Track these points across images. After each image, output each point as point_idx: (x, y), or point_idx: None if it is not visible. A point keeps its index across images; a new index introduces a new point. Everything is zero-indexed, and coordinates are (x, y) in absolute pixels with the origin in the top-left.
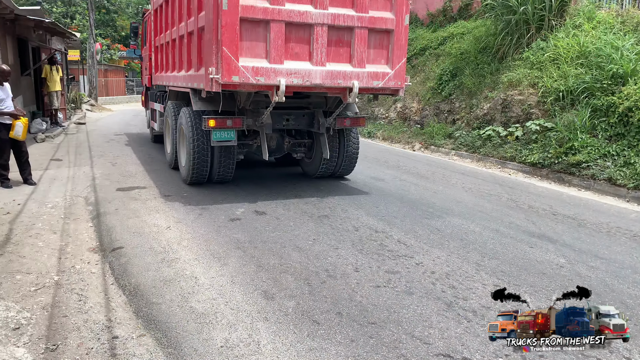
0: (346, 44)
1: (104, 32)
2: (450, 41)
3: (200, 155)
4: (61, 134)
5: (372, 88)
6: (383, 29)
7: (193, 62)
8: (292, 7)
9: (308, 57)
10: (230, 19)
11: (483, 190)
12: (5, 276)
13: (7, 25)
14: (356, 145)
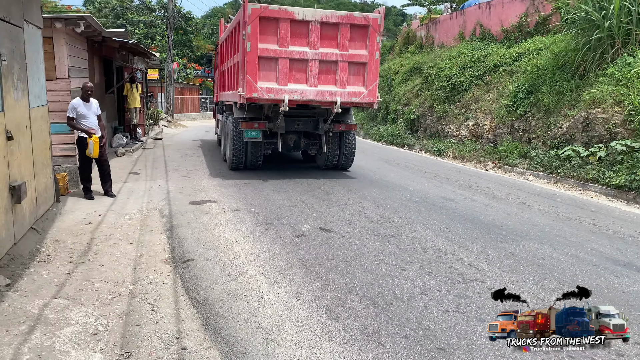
0: (332, 72)
1: (181, 52)
2: (526, 57)
3: (237, 148)
4: (139, 148)
5: (352, 102)
6: (359, 61)
7: (234, 85)
8: (294, 48)
9: (305, 81)
10: (252, 57)
11: (561, 213)
12: (85, 283)
13: (94, 47)
14: (353, 144)
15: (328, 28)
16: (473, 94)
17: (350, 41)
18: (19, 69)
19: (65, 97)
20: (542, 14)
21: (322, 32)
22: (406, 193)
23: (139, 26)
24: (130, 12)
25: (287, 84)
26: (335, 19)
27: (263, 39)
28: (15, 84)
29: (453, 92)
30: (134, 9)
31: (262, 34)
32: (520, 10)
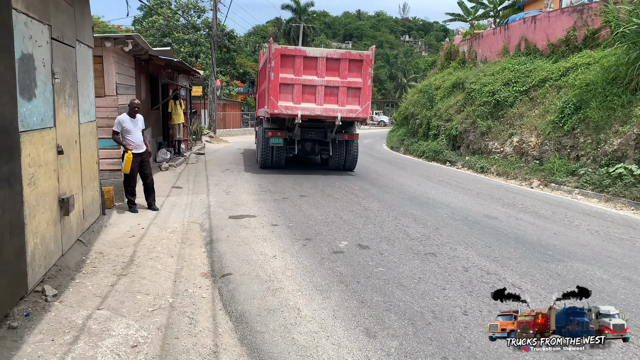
0: (334, 94)
1: (224, 69)
2: (573, 72)
3: (265, 150)
4: (182, 163)
5: (349, 117)
6: (355, 87)
7: (264, 103)
8: (306, 77)
9: (314, 101)
10: (275, 83)
11: (612, 233)
12: (127, 295)
13: (142, 65)
14: (356, 150)
15: (332, 62)
16: (518, 109)
17: (349, 71)
18: (71, 86)
19: (112, 113)
20: (590, 28)
21: (327, 65)
22: (447, 210)
23: (184, 44)
24: (177, 31)
25: (300, 103)
26: (337, 56)
27: (283, 70)
28: (66, 101)
29: (497, 108)
30: (179, 28)
31: (283, 67)
32: (568, 24)
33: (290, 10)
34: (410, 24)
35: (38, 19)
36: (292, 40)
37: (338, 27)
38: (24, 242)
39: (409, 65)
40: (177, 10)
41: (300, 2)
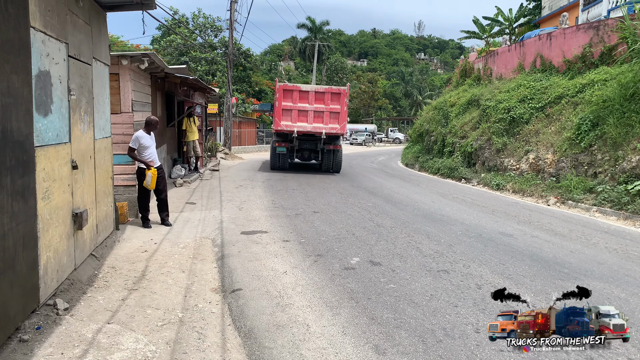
0: (320, 117)
1: (240, 87)
2: (590, 88)
3: (273, 156)
4: (197, 179)
5: (331, 133)
6: (335, 111)
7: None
8: (300, 105)
9: (306, 121)
10: (279, 109)
11: (631, 252)
12: (138, 310)
13: (158, 83)
14: (340, 157)
15: (319, 94)
16: (533, 126)
17: (331, 101)
18: (86, 103)
19: (128, 129)
20: (607, 44)
21: (316, 96)
22: (462, 227)
23: (201, 63)
24: (194, 50)
25: (296, 123)
26: (322, 90)
27: (285, 100)
28: (82, 117)
29: (512, 125)
30: (197, 47)
31: (284, 98)
32: (584, 40)
33: (305, 29)
34: (426, 42)
35: (55, 37)
36: (308, 58)
37: (353, 46)
38: (36, 255)
39: (424, 82)
40: (194, 30)
41: (316, 21)
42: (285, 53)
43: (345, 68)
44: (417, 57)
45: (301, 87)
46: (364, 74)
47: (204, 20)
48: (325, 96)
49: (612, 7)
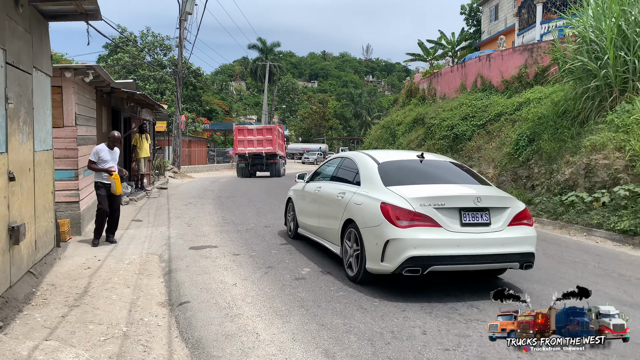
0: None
1: (190, 106)
2: (526, 106)
3: (237, 169)
4: (144, 197)
5: (269, 152)
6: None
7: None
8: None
9: (253, 146)
10: (236, 140)
11: (566, 257)
12: (79, 326)
13: (103, 97)
14: (279, 166)
15: (262, 129)
16: (475, 142)
17: (266, 133)
18: (26, 113)
19: (71, 144)
20: (540, 65)
21: (257, 131)
22: None
23: (149, 81)
24: (142, 68)
25: (247, 147)
26: (264, 127)
27: (239, 135)
28: (20, 127)
29: (455, 142)
30: (145, 66)
31: (239, 133)
32: (520, 62)
33: (257, 50)
34: (374, 65)
35: None
36: (259, 79)
37: (304, 67)
38: None
39: (373, 104)
40: (143, 48)
41: (267, 42)
42: (237, 73)
43: (297, 89)
44: (366, 80)
45: (248, 127)
46: (314, 95)
47: (153, 39)
48: (263, 130)
49: (545, 32)
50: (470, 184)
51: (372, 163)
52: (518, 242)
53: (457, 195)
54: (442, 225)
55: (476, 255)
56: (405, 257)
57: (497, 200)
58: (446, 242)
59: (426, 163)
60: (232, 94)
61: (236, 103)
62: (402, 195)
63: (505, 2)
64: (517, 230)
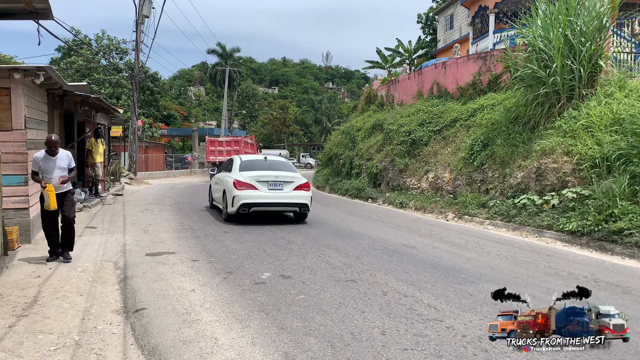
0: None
1: (147, 111)
2: (480, 112)
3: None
4: (98, 204)
5: None
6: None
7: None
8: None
9: (223, 155)
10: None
11: (519, 257)
12: (27, 336)
13: (55, 101)
14: None
15: (230, 141)
16: (432, 147)
17: (234, 143)
18: None
19: (20, 148)
20: (493, 73)
21: (228, 142)
22: (368, 241)
23: (104, 85)
24: (97, 72)
25: (217, 156)
26: (230, 139)
27: (210, 146)
28: None
29: (413, 147)
30: (100, 69)
31: (210, 145)
32: (474, 69)
33: (216, 55)
34: (334, 72)
35: None
36: (219, 84)
37: (264, 73)
38: None
39: (333, 110)
40: (98, 51)
41: (226, 47)
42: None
43: (257, 95)
44: (326, 86)
45: (219, 138)
46: (275, 101)
47: (109, 42)
48: (232, 141)
49: (497, 41)
50: (282, 171)
51: (238, 160)
52: (297, 198)
53: (267, 175)
54: (259, 189)
55: (275, 202)
56: (240, 204)
57: (288, 178)
58: (260, 196)
59: (268, 160)
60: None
61: (195, 108)
62: (244, 175)
63: (460, 12)
64: (298, 192)
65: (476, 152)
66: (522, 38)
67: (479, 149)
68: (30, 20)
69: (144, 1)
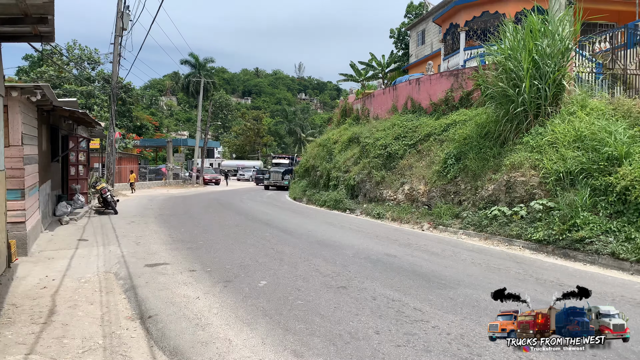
0: None
1: (120, 122)
2: (453, 127)
3: None
4: (84, 216)
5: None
6: None
7: None
8: None
9: None
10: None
11: (492, 265)
12: (53, 341)
13: (43, 115)
14: None
15: None
16: (407, 161)
17: None
18: None
19: (17, 163)
20: (465, 90)
21: None
22: (352, 251)
23: (76, 96)
24: (68, 82)
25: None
26: None
27: None
28: None
29: (389, 160)
30: (71, 80)
31: None
32: (446, 86)
33: (189, 65)
34: (306, 83)
35: None
36: (192, 94)
37: (237, 84)
38: None
39: (306, 121)
40: (69, 61)
41: (199, 58)
42: (167, 88)
43: (230, 105)
44: (299, 97)
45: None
46: (248, 112)
47: (80, 52)
48: None
49: (468, 58)
50: None
51: None
52: None
53: None
54: None
55: None
56: None
57: None
58: None
59: None
60: (163, 109)
61: (167, 118)
62: None
63: (432, 27)
64: None
65: (449, 165)
66: (492, 57)
67: (452, 162)
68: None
69: (122, 14)
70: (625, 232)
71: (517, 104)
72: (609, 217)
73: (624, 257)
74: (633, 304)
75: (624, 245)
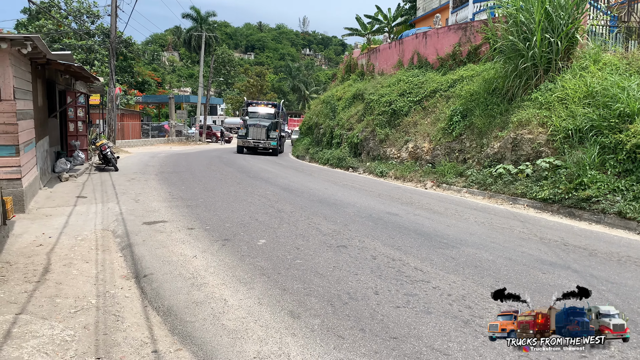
0: None
1: (122, 78)
2: (460, 83)
3: None
4: (84, 173)
5: None
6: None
7: None
8: None
9: None
10: None
11: (495, 224)
12: (45, 300)
13: (38, 70)
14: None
15: None
16: (412, 118)
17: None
18: None
19: (10, 118)
20: (473, 44)
21: None
22: (354, 209)
23: (76, 51)
24: (67, 37)
25: None
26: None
27: None
28: None
29: (393, 117)
30: (71, 34)
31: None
32: (454, 40)
33: (190, 20)
34: (311, 38)
35: None
36: (193, 49)
37: (240, 38)
38: None
39: (311, 77)
40: (67, 15)
41: (201, 12)
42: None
43: (233, 61)
44: (303, 53)
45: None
46: (251, 67)
47: (79, 5)
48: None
49: (477, 11)
50: None
51: None
52: None
53: None
54: None
55: None
56: None
57: None
58: None
59: None
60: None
61: (169, 74)
62: None
63: None
64: None
65: (455, 122)
66: (502, 9)
67: (458, 119)
68: None
69: None
70: (634, 190)
71: (526, 59)
72: (617, 175)
73: (631, 216)
74: (639, 264)
75: (632, 204)
